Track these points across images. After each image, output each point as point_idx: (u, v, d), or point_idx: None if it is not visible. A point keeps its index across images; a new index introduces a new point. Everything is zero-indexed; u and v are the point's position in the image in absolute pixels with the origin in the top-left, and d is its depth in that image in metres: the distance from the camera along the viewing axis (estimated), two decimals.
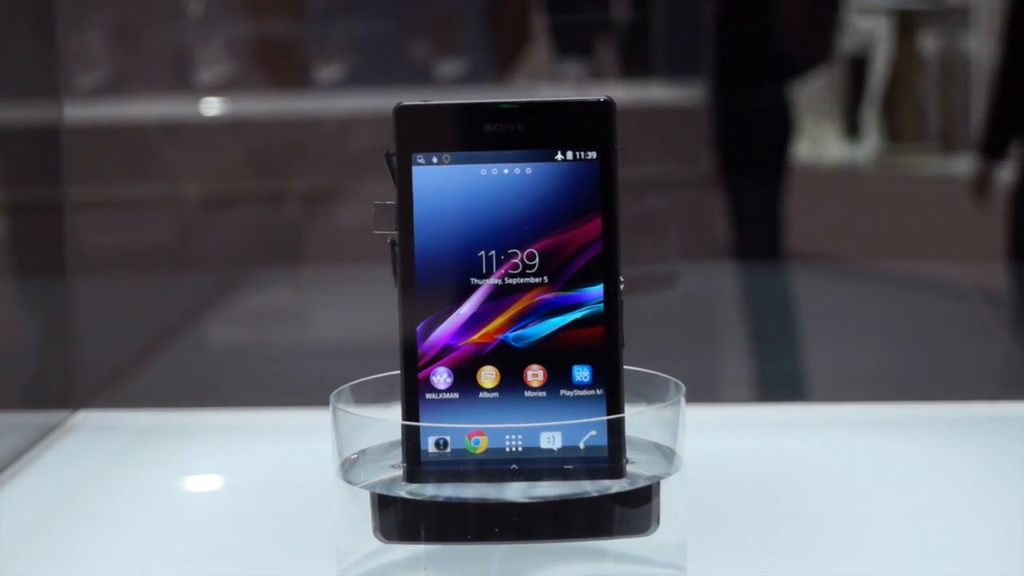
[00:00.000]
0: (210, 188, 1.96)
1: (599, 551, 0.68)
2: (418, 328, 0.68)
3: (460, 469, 0.67)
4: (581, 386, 0.67)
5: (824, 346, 1.75)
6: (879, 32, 2.31)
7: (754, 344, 1.82)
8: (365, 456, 0.69)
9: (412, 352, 0.68)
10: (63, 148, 1.08)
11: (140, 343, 1.59)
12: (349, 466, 0.69)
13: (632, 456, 0.68)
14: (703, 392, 0.95)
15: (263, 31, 2.04)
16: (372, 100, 1.99)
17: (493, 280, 0.68)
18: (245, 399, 1.10)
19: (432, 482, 0.67)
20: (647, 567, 0.68)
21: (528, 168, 0.68)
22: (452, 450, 0.67)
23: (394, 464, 0.68)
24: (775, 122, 2.05)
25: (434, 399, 0.67)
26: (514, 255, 0.68)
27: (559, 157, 0.68)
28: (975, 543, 0.76)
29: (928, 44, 2.27)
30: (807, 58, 2.12)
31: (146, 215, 1.92)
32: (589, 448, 0.67)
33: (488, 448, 0.67)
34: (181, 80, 2.01)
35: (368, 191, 1.78)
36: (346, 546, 0.69)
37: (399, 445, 0.68)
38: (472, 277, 0.68)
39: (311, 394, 0.88)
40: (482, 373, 0.68)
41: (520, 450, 0.67)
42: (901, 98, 2.27)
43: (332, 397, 0.70)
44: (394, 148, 0.68)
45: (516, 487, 0.66)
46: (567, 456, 0.67)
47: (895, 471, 0.88)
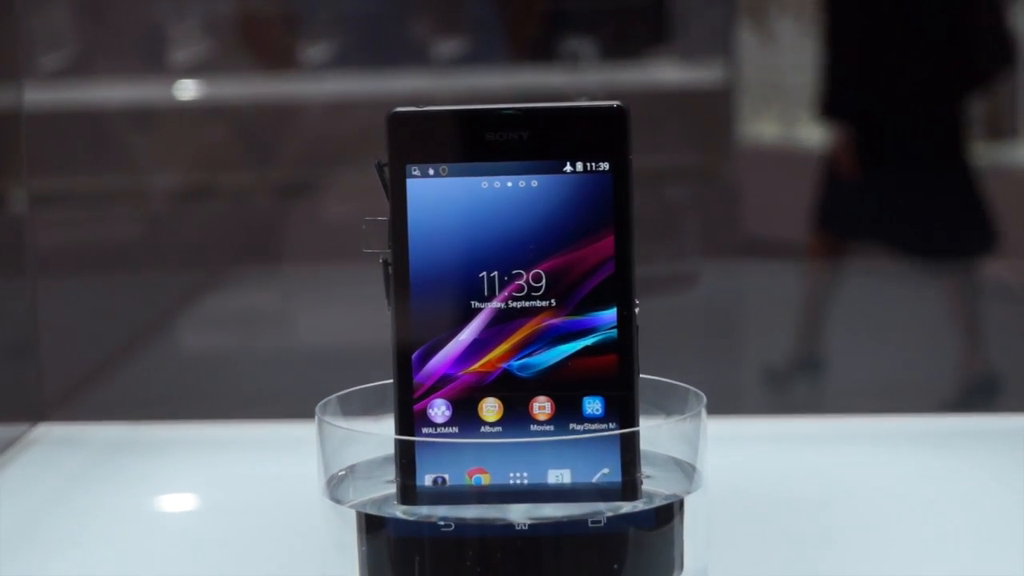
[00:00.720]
0: (184, 179, 1.96)
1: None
2: (413, 356, 0.67)
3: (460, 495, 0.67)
4: (592, 419, 0.67)
5: (858, 352, 1.75)
6: None
7: (781, 350, 1.82)
8: (354, 473, 0.69)
9: (407, 383, 0.67)
10: (23, 135, 1.07)
11: (107, 349, 1.59)
12: (336, 484, 0.69)
13: (648, 471, 0.68)
14: (725, 403, 0.95)
15: (244, 7, 2.04)
16: (363, 83, 1.99)
17: (496, 304, 0.67)
18: (222, 410, 1.09)
19: (428, 504, 0.67)
20: None
21: (534, 180, 0.68)
22: (451, 486, 0.67)
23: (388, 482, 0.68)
24: None
25: (432, 434, 0.67)
26: (519, 276, 0.67)
27: (568, 169, 0.67)
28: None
29: None
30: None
31: (114, 209, 1.92)
32: (602, 486, 0.67)
33: (491, 485, 0.67)
34: (153, 61, 2.01)
35: (358, 183, 1.78)
36: (333, 572, 0.69)
37: (391, 461, 0.68)
38: (472, 300, 0.67)
39: (295, 405, 0.88)
40: (484, 405, 0.67)
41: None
42: None
43: (318, 409, 0.69)
44: (386, 158, 0.68)
45: (519, 509, 0.66)
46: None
47: (937, 490, 0.88)
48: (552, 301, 0.67)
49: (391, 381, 0.68)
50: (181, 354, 1.70)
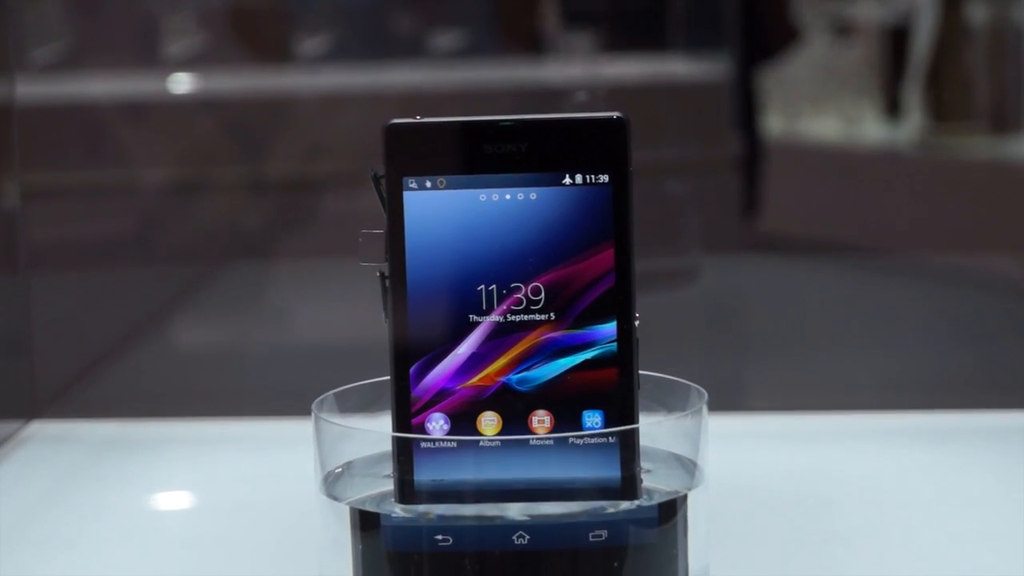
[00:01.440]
0: (179, 174, 1.96)
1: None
2: (411, 370, 0.67)
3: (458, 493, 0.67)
4: (592, 433, 0.67)
5: (861, 348, 1.75)
6: (922, 0, 2.31)
7: (784, 346, 1.82)
8: (351, 470, 0.69)
9: (404, 397, 0.67)
10: (15, 129, 1.07)
11: (101, 346, 1.58)
12: (333, 481, 0.69)
13: (649, 466, 0.68)
14: (727, 400, 0.95)
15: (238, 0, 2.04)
16: (358, 76, 1.99)
17: (494, 317, 0.67)
18: (218, 408, 1.10)
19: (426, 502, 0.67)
20: None
21: (532, 193, 0.67)
22: (449, 482, 0.67)
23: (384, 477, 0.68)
24: None
25: (429, 448, 0.67)
26: (517, 289, 0.67)
27: (567, 181, 0.67)
28: None
29: (976, 13, 2.27)
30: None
31: (108, 204, 1.92)
32: (602, 485, 0.67)
33: (489, 483, 0.67)
34: (147, 54, 2.01)
35: (354, 177, 1.78)
36: (330, 571, 0.69)
37: (388, 457, 0.68)
38: (471, 314, 0.67)
39: (291, 402, 0.88)
40: (482, 420, 0.67)
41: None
42: (946, 72, 2.26)
43: (314, 406, 0.69)
44: (382, 170, 0.67)
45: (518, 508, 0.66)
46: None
47: (944, 488, 0.88)
48: (551, 315, 0.67)
49: (388, 378, 0.68)
50: (175, 351, 1.70)
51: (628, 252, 0.67)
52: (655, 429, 0.69)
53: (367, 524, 0.67)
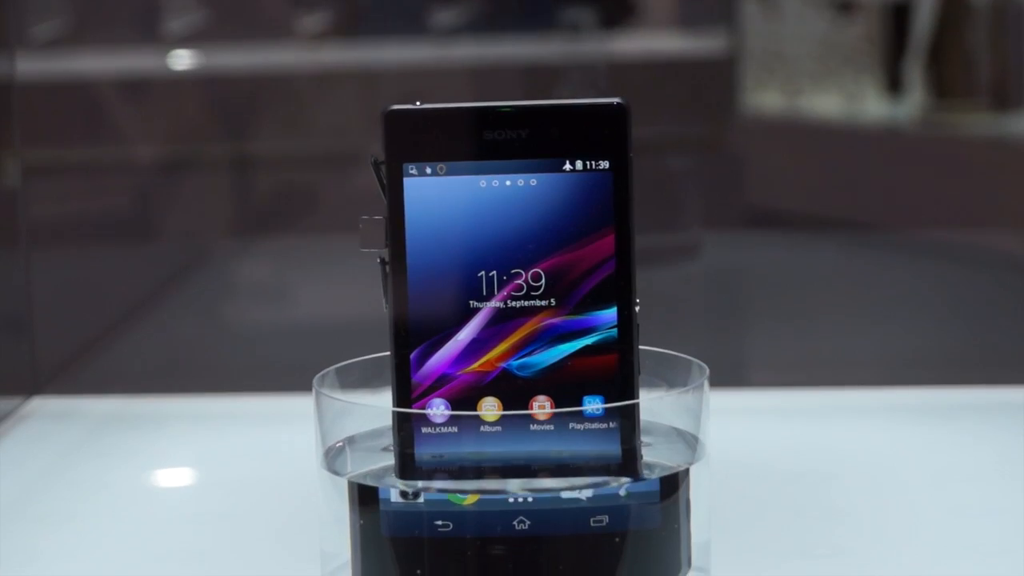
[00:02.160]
0: (179, 151, 1.96)
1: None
2: (411, 356, 0.67)
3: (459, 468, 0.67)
4: (593, 419, 0.67)
5: (861, 324, 1.75)
6: None
7: (785, 322, 1.82)
8: (352, 445, 0.69)
9: (405, 382, 0.67)
10: (15, 106, 1.07)
11: (102, 322, 1.58)
12: (334, 455, 0.69)
13: (648, 439, 0.68)
14: (729, 375, 0.95)
15: None
16: (359, 53, 1.98)
17: (494, 303, 0.67)
18: (219, 384, 1.10)
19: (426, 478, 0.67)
20: None
21: (533, 179, 0.67)
22: (450, 458, 0.67)
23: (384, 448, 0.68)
24: None
25: (430, 434, 0.67)
26: (518, 275, 0.67)
27: (567, 167, 0.67)
28: None
29: None
30: None
31: (108, 181, 1.92)
32: (603, 461, 0.67)
33: (490, 457, 0.67)
34: (147, 30, 2.01)
35: (354, 154, 1.78)
36: (331, 547, 0.69)
37: (389, 432, 0.68)
38: (471, 300, 0.67)
39: (292, 378, 0.88)
40: (483, 405, 0.67)
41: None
42: (948, 49, 2.26)
43: (315, 381, 0.69)
44: (382, 156, 0.67)
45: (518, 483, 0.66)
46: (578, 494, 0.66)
47: (945, 463, 0.88)
48: (552, 300, 0.67)
49: (388, 354, 0.68)
50: (177, 327, 1.70)
51: (629, 238, 0.67)
52: (657, 404, 0.69)
53: (366, 499, 0.67)
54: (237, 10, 2.01)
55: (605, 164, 0.67)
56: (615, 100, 0.67)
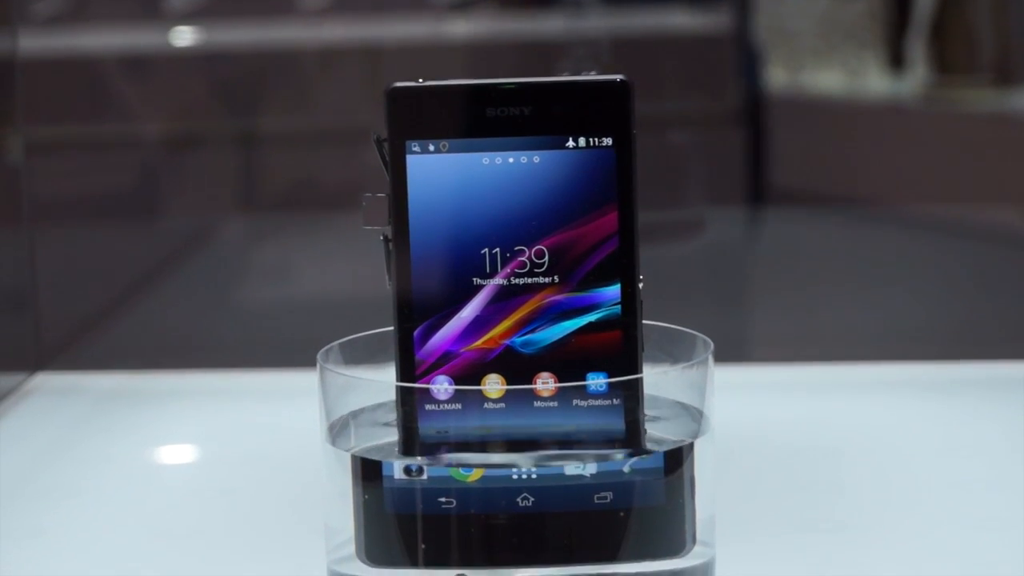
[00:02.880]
0: (181, 127, 1.96)
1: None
2: (415, 333, 0.67)
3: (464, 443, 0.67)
4: (596, 395, 0.67)
5: (865, 299, 1.75)
6: None
7: (788, 297, 1.82)
8: (356, 420, 0.69)
9: (408, 359, 0.67)
10: (17, 83, 1.07)
11: (105, 298, 1.58)
12: (338, 431, 0.69)
13: (653, 413, 0.68)
14: (733, 350, 0.95)
15: None
16: (361, 29, 1.98)
17: (498, 280, 0.67)
18: (222, 359, 1.10)
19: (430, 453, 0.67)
20: None
21: (536, 156, 0.67)
22: (455, 432, 0.67)
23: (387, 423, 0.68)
24: None
25: (434, 411, 0.67)
26: (521, 252, 0.67)
27: (570, 144, 0.67)
28: None
29: None
30: None
31: (110, 158, 1.92)
32: (607, 435, 0.67)
33: (494, 433, 0.67)
34: (149, 7, 2.00)
35: (356, 130, 1.78)
36: (335, 522, 0.69)
37: (393, 407, 0.68)
38: (474, 277, 0.67)
39: (296, 353, 0.88)
40: (487, 382, 0.67)
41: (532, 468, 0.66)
42: (950, 25, 2.25)
43: (319, 356, 0.69)
44: (385, 133, 0.67)
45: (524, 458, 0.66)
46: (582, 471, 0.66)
47: (947, 438, 0.88)
48: (555, 277, 0.67)
49: (392, 328, 0.68)
50: (180, 303, 1.70)
51: (632, 215, 0.67)
52: (661, 379, 0.69)
53: (370, 473, 0.67)
54: None
55: (608, 141, 0.67)
56: (618, 77, 0.67)
